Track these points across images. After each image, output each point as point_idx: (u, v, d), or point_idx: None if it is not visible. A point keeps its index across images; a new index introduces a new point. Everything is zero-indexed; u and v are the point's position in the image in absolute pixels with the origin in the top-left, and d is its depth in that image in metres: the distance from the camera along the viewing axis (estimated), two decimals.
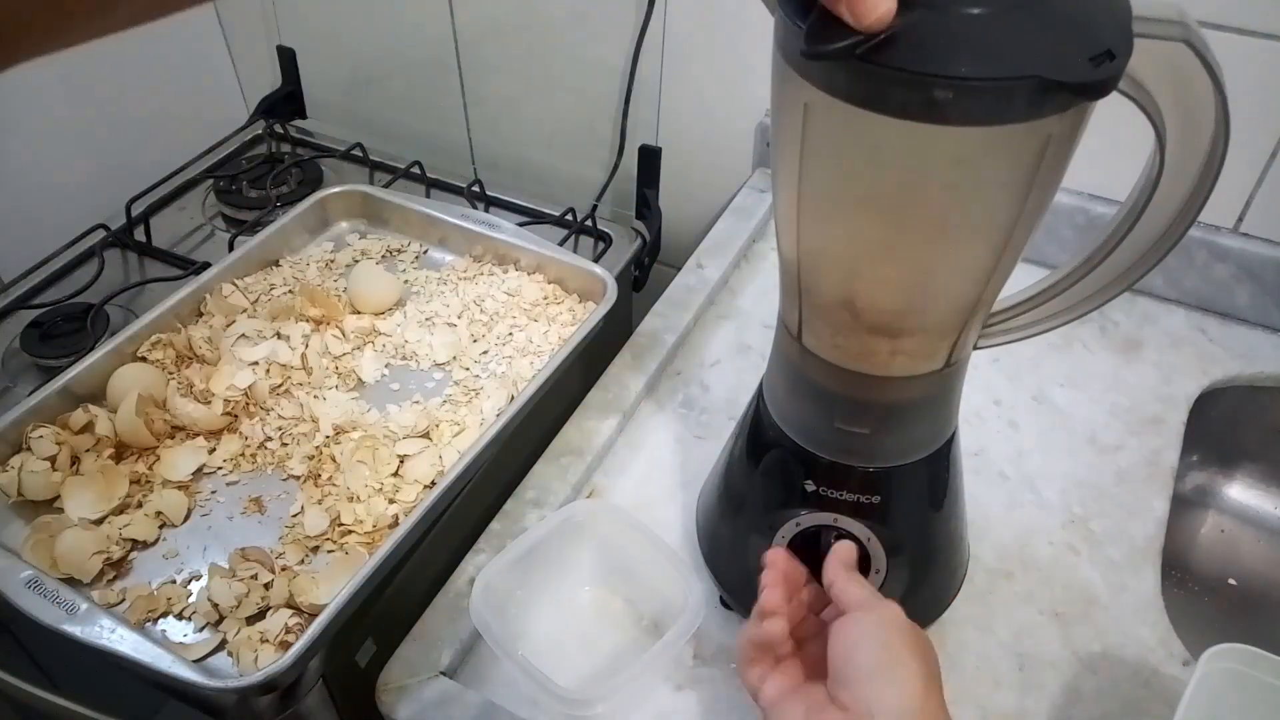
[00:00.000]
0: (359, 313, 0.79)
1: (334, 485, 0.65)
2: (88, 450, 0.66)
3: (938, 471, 0.53)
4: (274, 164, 1.00)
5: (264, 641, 0.57)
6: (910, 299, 0.41)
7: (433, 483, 0.65)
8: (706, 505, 0.62)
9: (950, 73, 0.31)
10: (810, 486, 0.51)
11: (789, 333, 0.48)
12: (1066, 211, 0.83)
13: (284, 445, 0.69)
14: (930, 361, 0.45)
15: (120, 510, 0.64)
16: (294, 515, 0.64)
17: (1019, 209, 0.37)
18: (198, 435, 0.69)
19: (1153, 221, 0.42)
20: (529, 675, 0.51)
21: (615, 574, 0.62)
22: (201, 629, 0.59)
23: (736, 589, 0.59)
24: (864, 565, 0.52)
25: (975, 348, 0.48)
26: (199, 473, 0.67)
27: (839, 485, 0.50)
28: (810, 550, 0.51)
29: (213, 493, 0.67)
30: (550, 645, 0.59)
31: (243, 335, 0.74)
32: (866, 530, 0.51)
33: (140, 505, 0.65)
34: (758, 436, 0.54)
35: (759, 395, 0.54)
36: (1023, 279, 0.47)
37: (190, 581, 0.61)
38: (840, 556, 0.48)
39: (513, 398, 0.70)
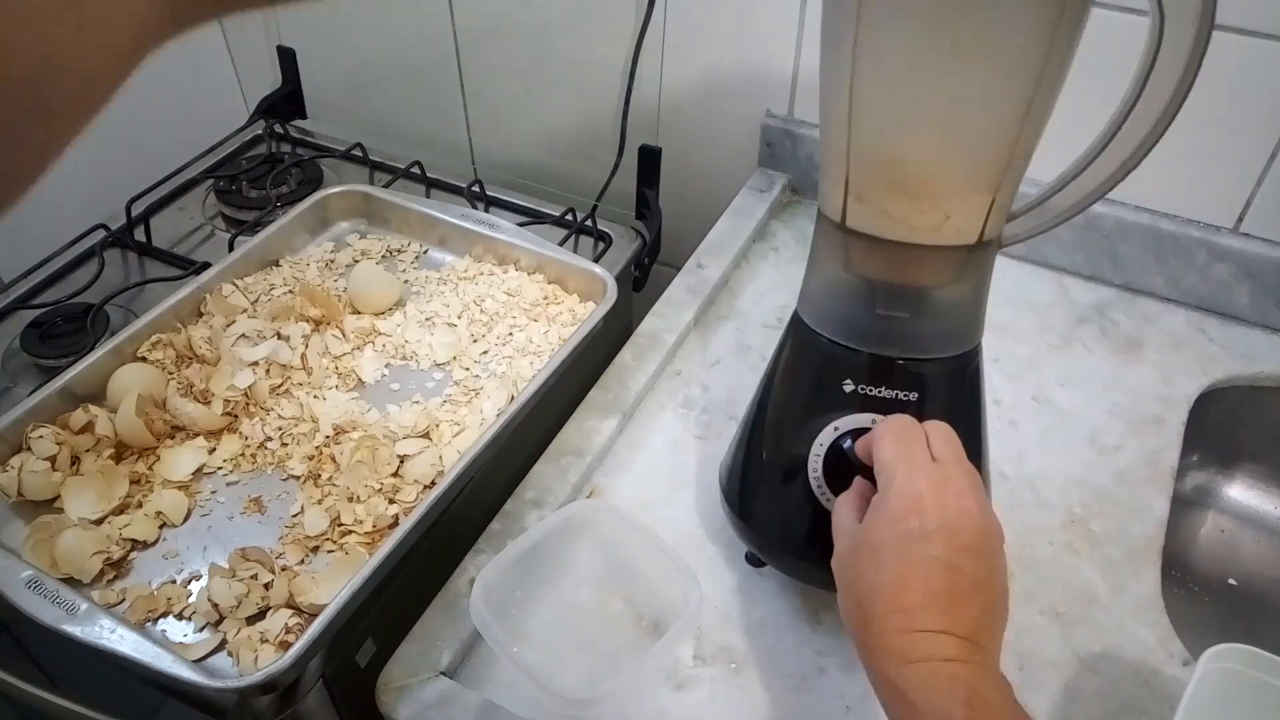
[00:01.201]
0: (359, 313, 0.79)
1: (334, 485, 0.65)
2: (88, 450, 0.66)
3: (969, 374, 0.54)
4: (274, 164, 1.00)
5: (264, 641, 0.57)
6: (954, 145, 0.45)
7: (433, 483, 0.65)
8: (733, 458, 0.61)
9: None
10: (849, 386, 0.52)
11: (832, 223, 0.50)
12: None
13: (284, 445, 0.69)
14: (966, 233, 0.48)
15: (120, 510, 0.64)
16: (294, 515, 0.65)
17: (1047, 45, 0.41)
18: (198, 435, 0.69)
19: (1152, 96, 0.46)
20: (528, 675, 0.51)
21: (615, 574, 0.62)
22: (201, 629, 0.59)
23: (772, 538, 0.58)
24: None
25: (1003, 246, 0.51)
26: (199, 473, 0.67)
27: (878, 380, 0.52)
28: (847, 463, 0.52)
29: (213, 493, 0.67)
30: (550, 645, 0.59)
31: (243, 335, 0.74)
32: None
33: (140, 505, 0.65)
34: (797, 350, 0.56)
35: (794, 318, 0.56)
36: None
37: (190, 582, 0.61)
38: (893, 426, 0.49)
39: (513, 398, 0.70)
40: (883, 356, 0.52)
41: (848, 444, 0.52)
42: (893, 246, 0.49)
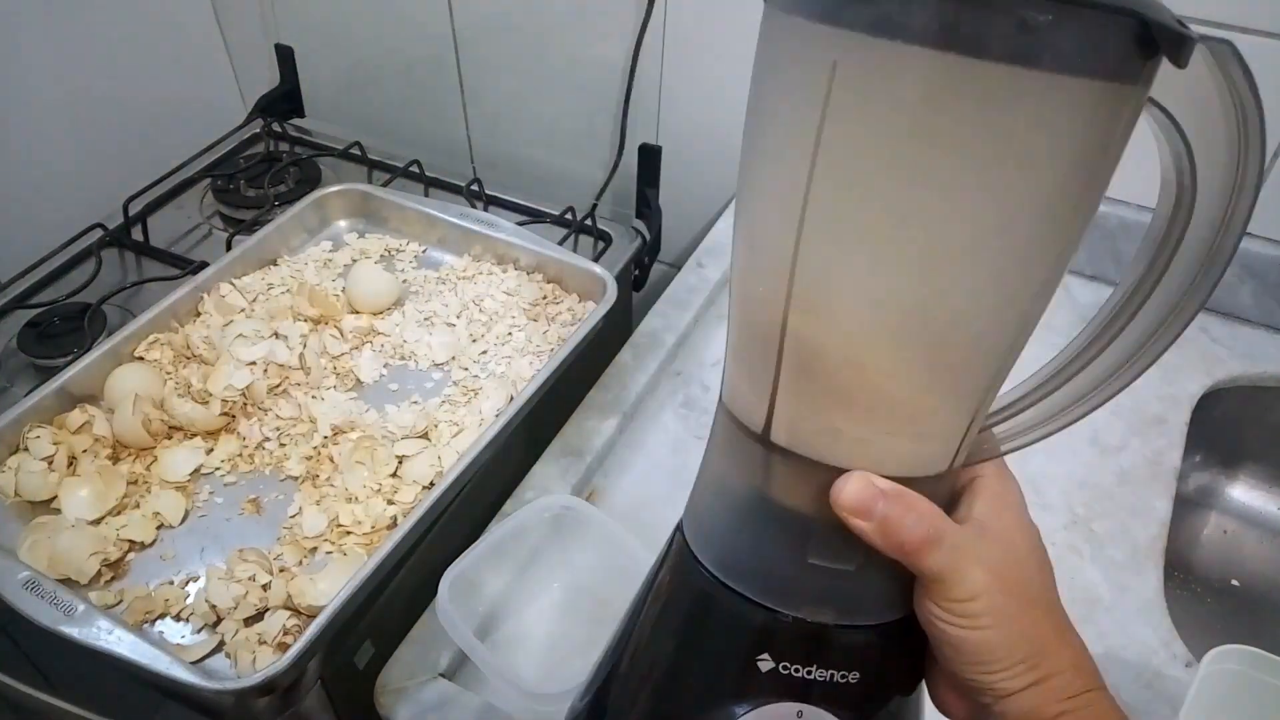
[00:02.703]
0: (357, 312, 0.79)
1: (332, 486, 0.65)
2: (85, 451, 0.66)
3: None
4: (272, 163, 0.99)
5: (262, 643, 0.57)
6: (942, 336, 0.31)
7: (431, 483, 0.65)
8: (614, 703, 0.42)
9: None
10: (765, 663, 0.35)
11: (748, 433, 0.34)
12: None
13: (282, 446, 0.69)
14: (938, 457, 0.34)
15: (118, 511, 0.64)
16: (292, 516, 0.64)
17: (1075, 207, 0.29)
18: (195, 436, 0.69)
19: (1185, 260, 0.33)
20: (493, 672, 0.51)
21: (591, 571, 0.62)
22: (199, 630, 0.58)
23: None
24: None
25: (967, 465, 0.36)
26: (196, 473, 0.67)
27: (806, 658, 0.35)
28: None
29: (210, 493, 0.66)
30: (524, 643, 0.59)
31: (240, 335, 0.74)
32: None
33: (138, 506, 0.64)
34: (683, 595, 0.38)
35: (679, 540, 0.38)
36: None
37: (188, 583, 0.61)
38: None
39: (512, 398, 0.70)
40: (815, 623, 0.35)
41: None
42: (840, 475, 0.33)
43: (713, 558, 0.36)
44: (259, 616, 0.59)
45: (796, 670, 0.35)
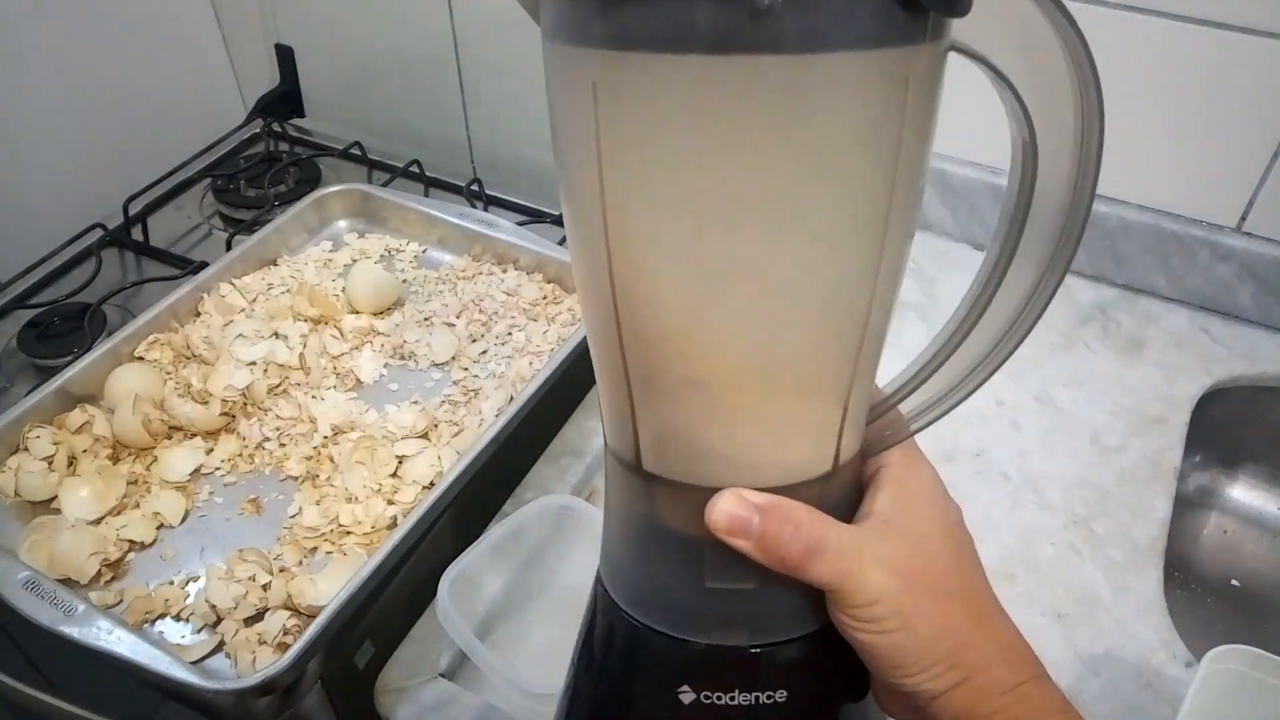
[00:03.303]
0: (357, 312, 0.79)
1: (332, 486, 0.65)
2: (85, 451, 0.66)
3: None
4: (272, 163, 0.99)
5: (262, 643, 0.57)
6: (775, 337, 0.30)
7: (431, 483, 0.65)
8: None
9: None
10: (687, 695, 0.35)
11: (626, 465, 0.34)
12: None
13: (282, 446, 0.69)
14: (815, 459, 0.33)
15: (117, 511, 0.64)
16: (292, 516, 0.64)
17: (885, 188, 0.28)
18: (195, 436, 0.69)
19: (1044, 219, 0.32)
20: (491, 670, 0.51)
21: (591, 571, 0.62)
22: (199, 630, 0.59)
23: None
24: None
25: (872, 454, 0.35)
26: (196, 473, 0.67)
27: (725, 683, 0.34)
28: None
29: (210, 493, 0.66)
30: (524, 643, 0.59)
31: (240, 335, 0.74)
32: None
33: (138, 506, 0.64)
34: (607, 640, 0.38)
35: (598, 590, 0.38)
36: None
37: (188, 583, 0.61)
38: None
39: (512, 398, 0.70)
40: (727, 647, 0.34)
41: None
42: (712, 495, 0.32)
43: (625, 596, 0.36)
44: (259, 616, 0.59)
45: (719, 698, 0.34)
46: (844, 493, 0.34)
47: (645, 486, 0.34)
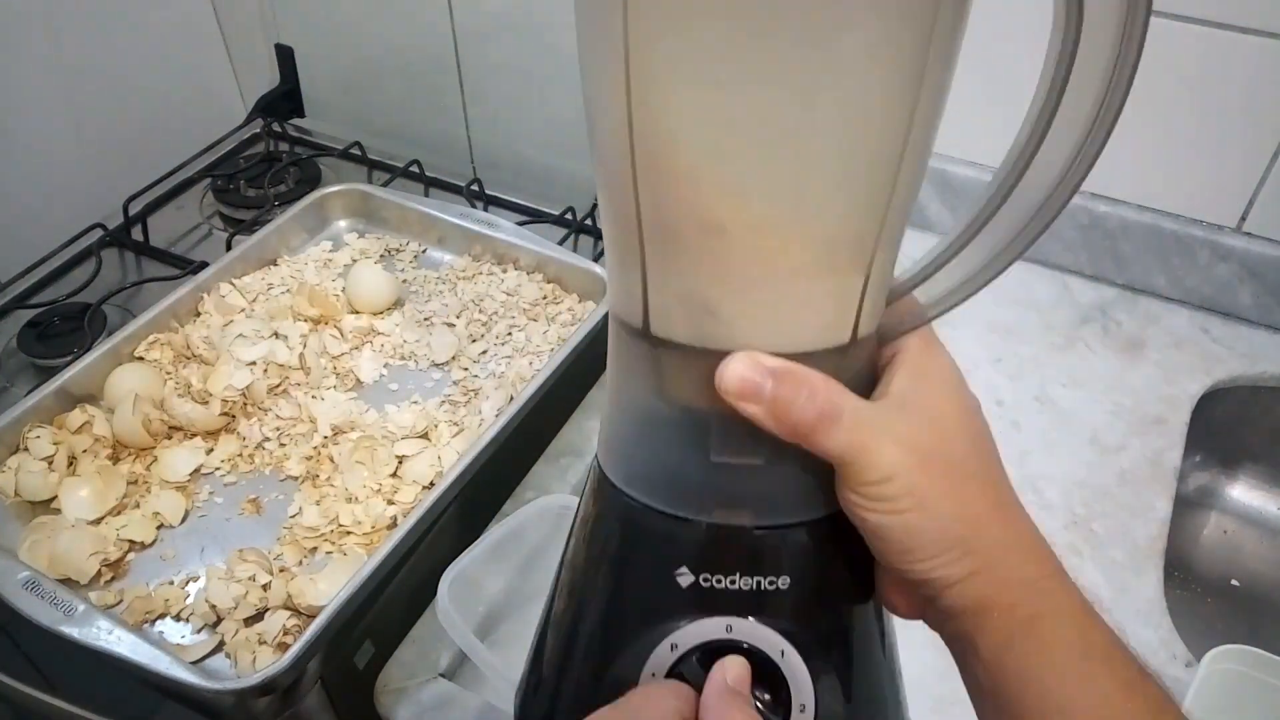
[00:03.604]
0: (357, 312, 0.79)
1: (332, 486, 0.65)
2: (85, 451, 0.66)
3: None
4: (272, 163, 0.99)
5: (262, 643, 0.57)
6: (801, 181, 0.28)
7: (431, 483, 0.65)
8: (527, 684, 0.39)
9: None
10: (685, 577, 0.33)
11: (632, 332, 0.32)
12: None
13: (282, 446, 0.69)
14: (834, 331, 0.31)
15: (117, 511, 0.64)
16: (292, 516, 0.64)
17: (928, 13, 0.26)
18: (195, 436, 0.69)
19: (1063, 130, 0.30)
20: (494, 672, 0.51)
21: None
22: (199, 630, 0.59)
23: None
24: (781, 700, 0.33)
25: (890, 339, 0.33)
26: (196, 473, 0.67)
27: (727, 565, 0.33)
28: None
29: (210, 493, 0.66)
30: (524, 643, 0.59)
31: (240, 335, 0.74)
32: (778, 639, 0.32)
33: (138, 506, 0.64)
34: (598, 520, 0.36)
35: (595, 472, 0.36)
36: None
37: (188, 583, 0.61)
38: (717, 680, 0.31)
39: (512, 398, 0.69)
40: (730, 527, 0.32)
41: (696, 669, 0.32)
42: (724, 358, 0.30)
43: (623, 475, 0.34)
44: (259, 616, 0.59)
45: (719, 581, 0.33)
46: (859, 371, 0.32)
47: (651, 353, 0.32)
